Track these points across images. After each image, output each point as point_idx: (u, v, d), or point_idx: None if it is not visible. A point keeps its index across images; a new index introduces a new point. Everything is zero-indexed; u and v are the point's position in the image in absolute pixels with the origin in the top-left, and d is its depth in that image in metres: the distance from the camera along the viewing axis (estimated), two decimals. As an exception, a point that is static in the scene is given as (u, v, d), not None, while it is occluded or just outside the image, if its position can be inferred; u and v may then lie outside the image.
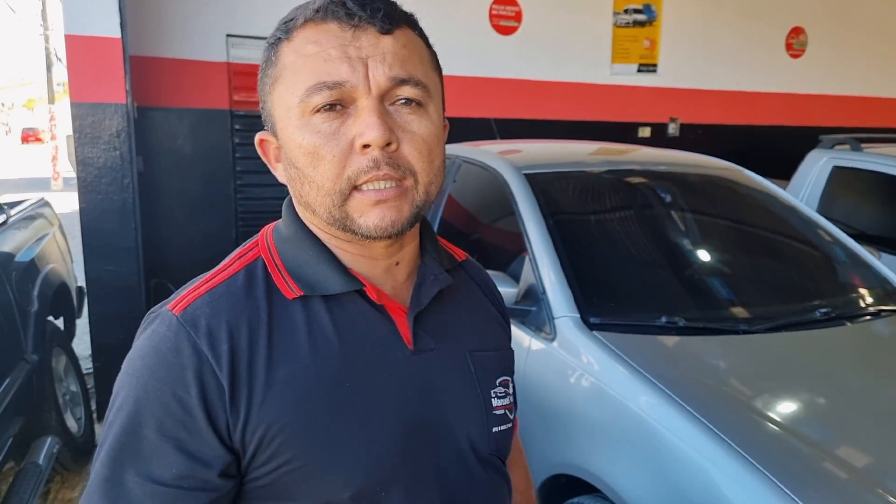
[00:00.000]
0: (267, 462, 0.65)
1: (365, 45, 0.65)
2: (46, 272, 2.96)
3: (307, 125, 0.65)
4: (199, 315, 0.66)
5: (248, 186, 4.38)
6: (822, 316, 1.91)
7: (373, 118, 0.63)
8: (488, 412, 0.78)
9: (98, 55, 3.01)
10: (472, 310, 0.83)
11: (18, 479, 2.31)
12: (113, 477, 0.63)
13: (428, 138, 0.67)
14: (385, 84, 0.65)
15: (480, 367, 0.78)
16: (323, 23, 0.65)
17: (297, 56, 0.66)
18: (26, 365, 2.50)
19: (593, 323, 1.78)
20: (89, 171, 3.09)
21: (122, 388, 0.66)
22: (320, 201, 0.67)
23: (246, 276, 0.71)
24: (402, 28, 0.68)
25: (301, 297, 0.70)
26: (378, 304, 0.72)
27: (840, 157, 3.58)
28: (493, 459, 0.78)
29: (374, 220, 0.66)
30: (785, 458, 1.34)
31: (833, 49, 6.18)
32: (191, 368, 0.63)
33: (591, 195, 2.36)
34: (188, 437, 0.63)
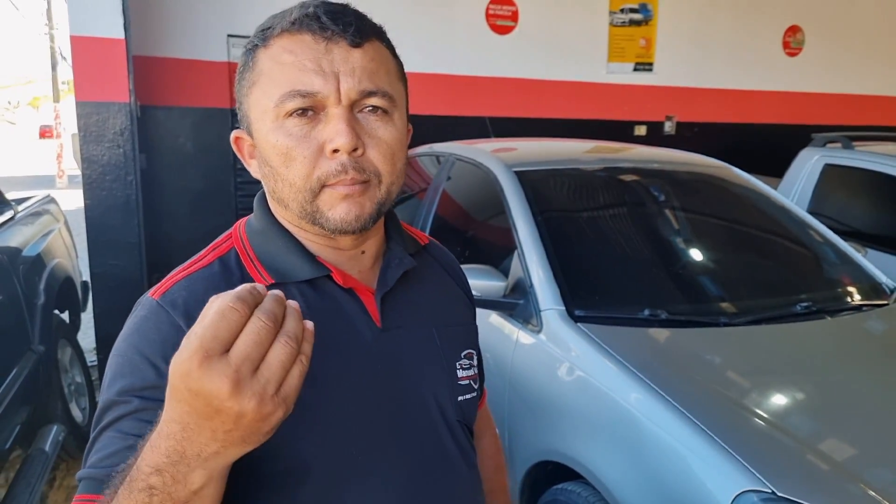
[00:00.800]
0: None
1: (337, 59, 0.70)
2: (52, 266, 3.03)
3: (280, 128, 0.71)
4: (178, 297, 0.72)
5: (248, 183, 4.44)
6: (803, 310, 1.97)
7: (342, 125, 0.70)
8: (453, 382, 0.85)
9: (102, 55, 3.08)
10: (436, 289, 0.90)
11: (26, 465, 2.38)
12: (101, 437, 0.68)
13: (392, 143, 0.74)
14: (354, 96, 0.71)
15: (445, 341, 0.85)
16: (298, 34, 0.71)
17: (274, 63, 0.72)
18: (33, 355, 2.57)
19: (578, 315, 1.84)
20: (94, 168, 3.16)
21: (110, 366, 0.72)
22: (293, 197, 0.73)
23: (220, 265, 0.77)
24: (371, 41, 0.73)
25: (273, 283, 0.76)
26: (346, 287, 0.78)
27: (832, 154, 3.63)
28: (460, 425, 0.85)
29: (341, 213, 0.72)
30: (763, 447, 1.39)
31: (830, 47, 6.22)
32: (170, 342, 0.68)
33: (580, 192, 2.42)
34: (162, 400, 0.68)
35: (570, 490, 1.68)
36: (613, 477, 1.55)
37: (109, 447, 0.67)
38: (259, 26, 0.75)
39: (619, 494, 1.51)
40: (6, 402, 2.24)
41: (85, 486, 0.68)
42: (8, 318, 2.45)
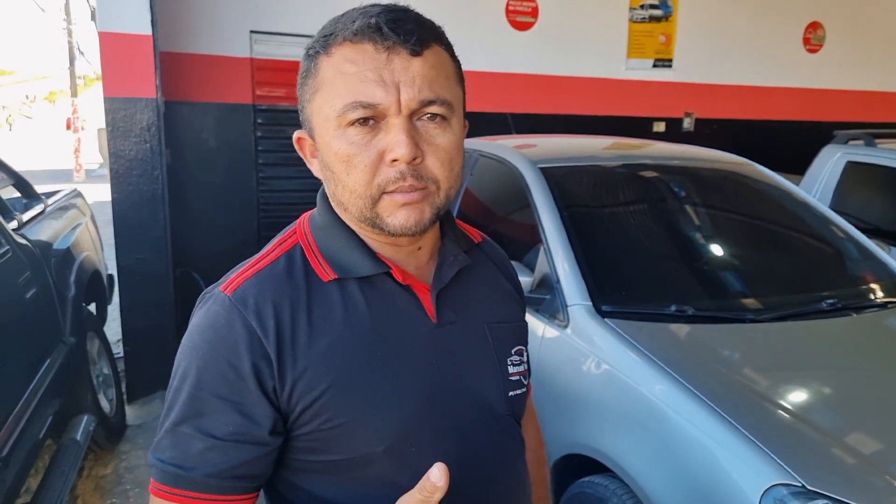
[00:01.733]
0: (310, 421, 0.75)
1: (397, 69, 0.72)
2: (81, 260, 3.09)
3: (343, 135, 0.74)
4: (248, 295, 0.76)
5: (270, 179, 4.49)
6: (829, 306, 1.98)
7: (402, 136, 0.72)
8: (504, 377, 0.87)
9: (130, 51, 3.12)
10: (488, 286, 0.92)
11: (59, 454, 2.44)
12: (178, 430, 0.74)
13: (449, 149, 0.76)
14: (414, 105, 0.73)
15: (497, 338, 0.88)
16: (360, 43, 0.72)
17: (336, 73, 0.74)
18: (65, 347, 2.63)
19: (605, 311, 1.86)
20: (121, 163, 3.21)
21: (183, 359, 0.76)
22: (353, 202, 0.76)
23: (286, 260, 0.80)
24: (430, 47, 0.75)
25: (336, 279, 0.79)
26: (404, 283, 0.81)
27: (854, 152, 3.61)
28: (509, 420, 0.88)
29: (401, 220, 0.75)
30: (792, 441, 1.41)
31: (851, 44, 6.17)
32: (243, 341, 0.73)
33: (604, 188, 2.44)
34: (242, 399, 0.73)
35: (597, 483, 1.70)
36: (641, 470, 1.57)
37: (192, 447, 0.73)
38: (321, 31, 0.77)
39: (647, 487, 1.53)
40: (40, 392, 2.29)
41: (168, 479, 0.73)
42: (41, 310, 2.51)
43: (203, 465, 0.72)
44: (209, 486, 0.72)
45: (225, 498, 0.73)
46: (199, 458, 0.72)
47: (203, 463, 0.72)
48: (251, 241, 4.43)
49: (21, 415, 2.12)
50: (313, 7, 4.35)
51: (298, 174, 4.57)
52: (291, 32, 4.33)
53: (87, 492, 2.82)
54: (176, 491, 0.72)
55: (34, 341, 2.40)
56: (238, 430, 0.73)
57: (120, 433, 3.19)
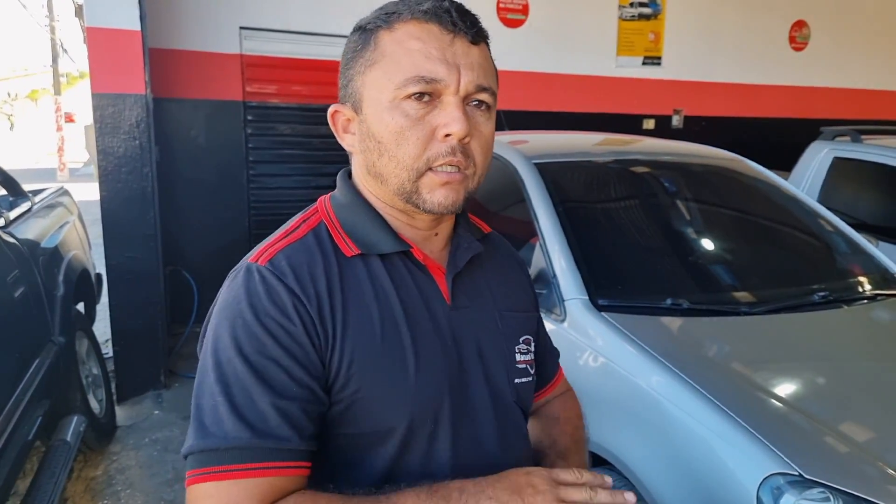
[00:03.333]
0: (342, 390, 0.76)
1: (459, 52, 0.76)
2: (69, 258, 3.05)
3: (397, 108, 0.76)
4: (284, 264, 0.77)
5: (260, 176, 4.47)
6: (821, 299, 2.00)
7: (458, 113, 0.75)
8: (511, 364, 0.89)
9: (118, 47, 3.09)
10: (498, 275, 0.95)
11: (49, 455, 2.41)
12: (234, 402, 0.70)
13: (489, 138, 0.81)
14: (472, 89, 0.77)
15: (507, 325, 0.90)
16: (426, 23, 0.76)
17: (399, 47, 0.77)
18: (54, 346, 2.59)
19: (602, 305, 1.87)
20: (110, 160, 3.18)
21: (221, 331, 0.74)
22: (396, 174, 0.78)
23: (314, 236, 0.82)
24: (483, 44, 0.80)
25: (360, 255, 0.81)
26: (422, 264, 0.84)
27: (840, 148, 3.66)
28: (516, 408, 0.90)
29: (440, 198, 0.78)
30: (788, 431, 1.42)
31: (835, 42, 6.24)
32: (290, 305, 0.74)
33: (598, 184, 2.44)
34: (297, 357, 0.73)
35: (595, 476, 1.70)
36: (640, 461, 1.58)
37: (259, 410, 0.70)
38: (381, 9, 0.80)
39: (646, 479, 1.54)
40: (29, 393, 2.26)
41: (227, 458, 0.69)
42: (29, 310, 2.47)
43: (272, 430, 0.69)
44: (274, 453, 0.70)
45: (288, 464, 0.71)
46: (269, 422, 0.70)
47: (272, 427, 0.70)
48: (242, 239, 4.41)
49: (9, 416, 2.09)
50: (303, 3, 4.33)
51: (290, 171, 4.55)
52: (282, 29, 4.31)
53: (77, 494, 2.78)
54: (237, 466, 0.68)
55: (22, 341, 2.37)
56: (301, 389, 0.72)
57: (110, 434, 3.15)
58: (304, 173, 4.60)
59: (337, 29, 4.39)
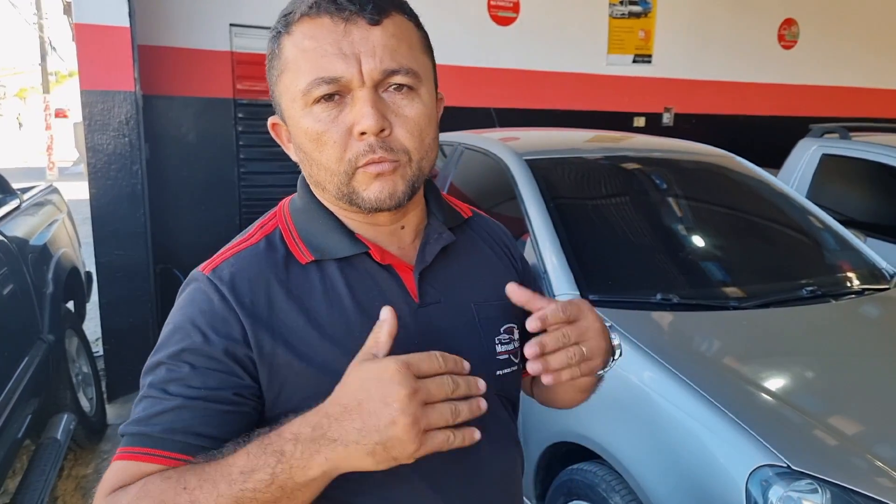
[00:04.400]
0: (289, 399, 0.74)
1: (357, 40, 0.71)
2: (59, 256, 3.04)
3: (310, 114, 0.73)
4: (225, 272, 0.76)
5: (251, 174, 4.45)
6: (809, 294, 2.02)
7: (367, 108, 0.71)
8: (491, 357, 0.86)
9: (107, 44, 3.07)
10: (478, 263, 0.90)
11: (39, 453, 2.40)
12: (147, 395, 0.73)
13: (418, 119, 0.74)
14: (377, 76, 0.71)
15: (485, 317, 0.86)
16: (317, 17, 0.71)
17: (297, 50, 0.73)
18: (43, 345, 2.58)
19: (592, 300, 1.88)
20: (99, 157, 3.16)
21: (163, 335, 0.76)
22: (329, 179, 0.76)
23: (266, 243, 0.80)
24: (390, 16, 0.73)
25: (315, 260, 0.79)
26: (383, 264, 0.81)
27: (829, 145, 3.68)
28: (498, 400, 0.86)
29: (375, 192, 0.74)
30: (776, 423, 1.44)
31: (824, 40, 6.28)
32: (218, 312, 0.73)
33: (589, 180, 2.45)
34: (210, 362, 0.72)
35: (586, 470, 1.72)
36: (630, 455, 1.59)
37: (156, 406, 0.71)
38: (282, 10, 0.76)
39: (636, 472, 1.55)
40: (18, 391, 2.25)
41: (132, 441, 0.71)
42: (18, 308, 2.46)
43: (164, 423, 0.70)
44: (165, 442, 0.70)
45: (178, 456, 0.70)
46: (166, 416, 0.70)
47: (169, 420, 0.70)
48: (232, 237, 4.37)
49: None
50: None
51: (281, 169, 4.54)
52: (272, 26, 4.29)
53: (67, 492, 2.77)
54: (137, 449, 0.70)
55: (11, 339, 2.35)
56: (204, 393, 0.72)
57: (100, 432, 3.14)
58: (295, 171, 4.43)
59: (328, 26, 4.38)
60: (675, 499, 1.46)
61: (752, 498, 1.31)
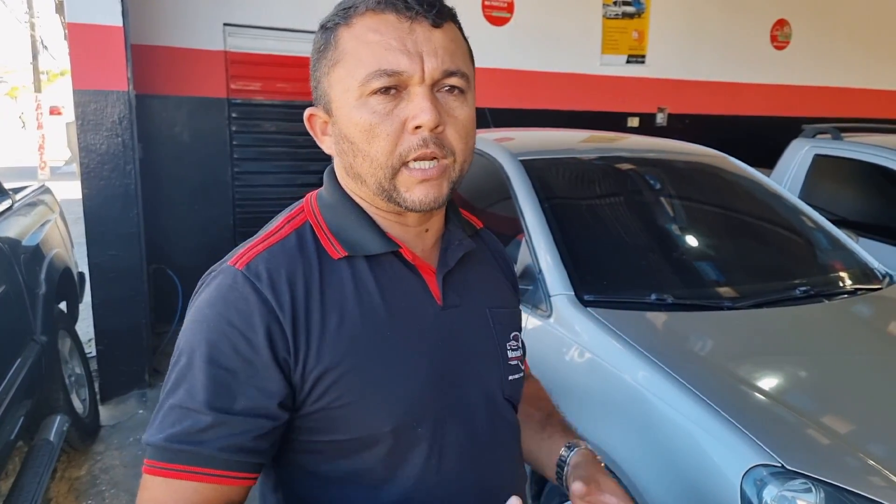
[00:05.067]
0: (320, 398, 0.75)
1: (420, 39, 0.73)
2: (51, 257, 3.02)
3: (364, 105, 0.74)
4: (262, 268, 0.75)
5: (245, 174, 4.44)
6: (802, 293, 2.03)
7: (426, 103, 0.72)
8: (504, 362, 0.89)
9: (100, 43, 3.05)
10: (488, 272, 0.94)
11: (32, 455, 2.38)
12: (185, 407, 0.71)
13: (467, 122, 0.77)
14: (437, 75, 0.73)
15: (498, 322, 0.89)
16: (382, 13, 0.73)
17: (358, 42, 0.74)
18: (36, 346, 2.56)
19: (587, 300, 1.88)
20: (92, 157, 3.14)
21: (190, 334, 0.74)
22: (372, 173, 0.76)
23: (297, 237, 0.80)
24: (448, 23, 0.76)
25: (345, 256, 0.79)
26: (412, 263, 0.82)
27: (821, 145, 3.70)
28: (508, 405, 0.89)
29: (419, 195, 0.76)
30: (770, 423, 1.44)
31: (816, 41, 6.31)
32: (257, 313, 0.73)
33: (584, 181, 2.46)
34: (255, 372, 0.72)
35: (581, 470, 1.72)
36: (624, 455, 1.59)
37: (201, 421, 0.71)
38: (339, 5, 0.78)
39: (632, 472, 1.55)
40: (11, 392, 2.24)
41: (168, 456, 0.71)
42: (11, 309, 2.44)
43: (213, 440, 0.70)
44: (217, 461, 0.71)
45: (231, 474, 0.72)
46: (207, 433, 0.70)
47: (213, 437, 0.70)
48: (227, 237, 4.38)
49: (-8, 415, 2.07)
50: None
51: (275, 169, 4.53)
52: (266, 25, 4.28)
53: (60, 494, 2.75)
54: (179, 467, 0.70)
55: (3, 340, 2.34)
56: (251, 405, 0.72)
57: (94, 434, 3.13)
58: (290, 171, 4.58)
59: (322, 26, 4.37)
60: (670, 498, 1.47)
61: (747, 497, 1.32)
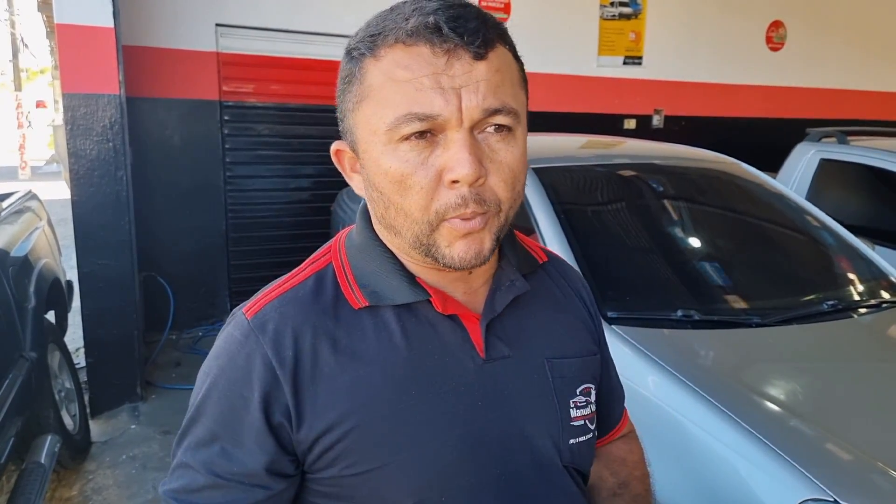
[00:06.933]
0: (331, 465, 0.67)
1: (458, 74, 0.62)
2: (40, 267, 2.89)
3: (394, 151, 0.64)
4: (268, 320, 0.69)
5: (238, 178, 4.33)
6: (830, 308, 1.96)
7: (464, 154, 0.62)
8: (565, 423, 0.76)
9: (90, 45, 2.93)
10: (552, 313, 0.81)
11: (23, 478, 2.27)
12: (186, 463, 0.70)
13: (514, 166, 0.66)
14: (478, 115, 0.63)
15: (559, 375, 0.77)
16: (414, 45, 0.62)
17: (387, 79, 0.63)
18: (25, 362, 2.45)
19: (611, 317, 1.80)
20: (81, 163, 3.02)
21: (200, 384, 0.71)
22: (408, 227, 0.66)
23: (315, 282, 0.73)
24: (495, 49, 0.65)
25: (367, 307, 0.71)
26: (446, 314, 0.72)
27: (827, 149, 3.65)
28: (568, 472, 0.77)
29: (460, 252, 0.66)
30: (818, 453, 1.37)
31: (811, 42, 6.30)
32: (256, 371, 0.67)
33: (600, 190, 2.38)
34: (246, 436, 0.67)
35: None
36: (662, 486, 1.51)
37: (196, 481, 0.68)
38: (366, 28, 0.67)
39: (665, 502, 1.48)
40: (2, 414, 2.13)
41: None
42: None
43: (207, 500, 0.68)
44: None
45: None
46: (201, 494, 0.68)
47: (204, 500, 0.67)
48: (219, 243, 4.26)
49: (-19, 439, 1.95)
50: (281, 0, 4.19)
51: (268, 173, 4.43)
52: (259, 26, 4.17)
53: (51, 514, 2.64)
54: None
55: (-8, 358, 2.23)
56: (242, 472, 0.67)
57: (85, 451, 3.01)
58: (283, 174, 4.47)
59: (316, 27, 4.27)
60: (711, 533, 1.39)
61: (798, 534, 1.24)
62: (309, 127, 4.42)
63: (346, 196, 3.73)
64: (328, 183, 4.32)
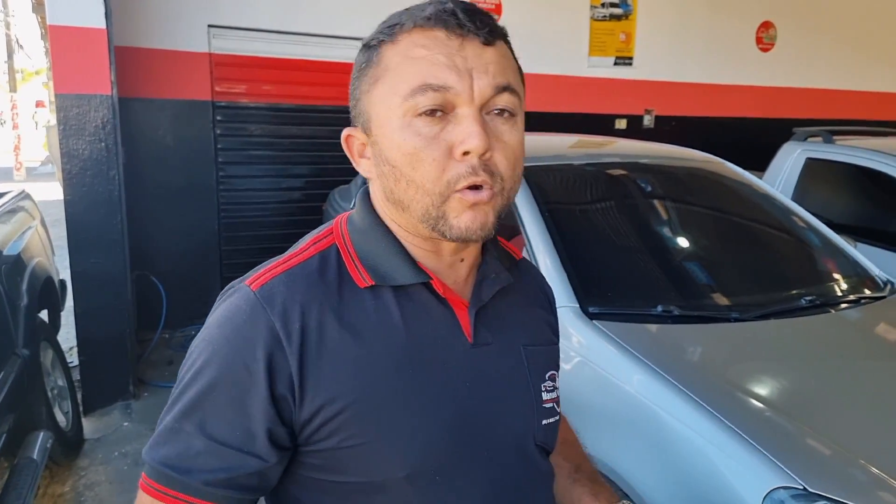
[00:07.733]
0: (329, 436, 0.70)
1: (470, 56, 0.68)
2: (33, 266, 2.92)
3: (408, 127, 0.68)
4: (276, 293, 0.71)
5: (230, 178, 4.35)
6: (808, 303, 2.00)
7: (475, 127, 0.67)
8: (538, 405, 0.82)
9: (83, 46, 2.96)
10: (524, 306, 0.87)
11: (15, 474, 2.29)
12: (180, 429, 0.69)
13: (516, 148, 0.72)
14: (488, 93, 0.69)
15: (532, 361, 0.83)
16: (431, 30, 0.69)
17: (403, 58, 0.69)
18: (18, 360, 2.47)
19: (592, 313, 1.84)
20: (74, 163, 3.05)
21: (199, 352, 0.71)
22: (419, 199, 0.70)
23: (320, 261, 0.75)
24: (500, 42, 0.72)
25: (371, 285, 0.74)
26: (442, 297, 0.76)
27: (813, 149, 3.70)
28: (541, 451, 0.83)
29: (467, 221, 0.70)
30: (790, 442, 1.41)
31: (801, 43, 6.35)
32: (261, 342, 0.68)
33: (585, 189, 2.42)
34: (250, 405, 0.68)
35: (590, 488, 1.67)
36: (636, 474, 1.55)
37: (191, 447, 0.68)
38: (384, 23, 0.73)
39: (644, 492, 1.52)
40: (-7, 409, 2.15)
41: (160, 477, 0.69)
42: (-9, 322, 2.35)
43: (200, 470, 0.67)
44: (203, 493, 0.68)
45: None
46: (196, 460, 0.68)
47: (200, 466, 0.68)
48: (211, 242, 4.29)
49: (-26, 435, 1.98)
50: (274, 1, 4.22)
51: (260, 173, 4.45)
52: (251, 27, 4.20)
53: (43, 510, 2.67)
54: (168, 491, 0.68)
55: (-16, 356, 2.25)
56: (241, 439, 0.68)
57: (77, 448, 3.03)
58: (275, 174, 4.50)
59: (308, 28, 4.30)
60: (686, 520, 1.43)
61: (768, 521, 1.28)
62: (301, 127, 4.45)
63: (337, 195, 3.76)
64: (320, 183, 4.36)
